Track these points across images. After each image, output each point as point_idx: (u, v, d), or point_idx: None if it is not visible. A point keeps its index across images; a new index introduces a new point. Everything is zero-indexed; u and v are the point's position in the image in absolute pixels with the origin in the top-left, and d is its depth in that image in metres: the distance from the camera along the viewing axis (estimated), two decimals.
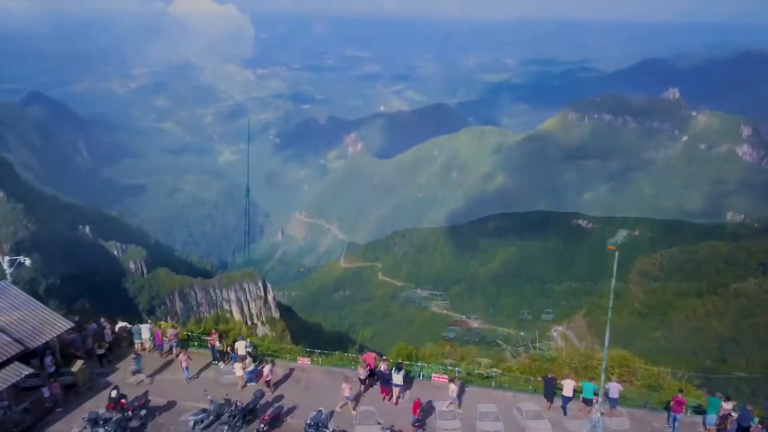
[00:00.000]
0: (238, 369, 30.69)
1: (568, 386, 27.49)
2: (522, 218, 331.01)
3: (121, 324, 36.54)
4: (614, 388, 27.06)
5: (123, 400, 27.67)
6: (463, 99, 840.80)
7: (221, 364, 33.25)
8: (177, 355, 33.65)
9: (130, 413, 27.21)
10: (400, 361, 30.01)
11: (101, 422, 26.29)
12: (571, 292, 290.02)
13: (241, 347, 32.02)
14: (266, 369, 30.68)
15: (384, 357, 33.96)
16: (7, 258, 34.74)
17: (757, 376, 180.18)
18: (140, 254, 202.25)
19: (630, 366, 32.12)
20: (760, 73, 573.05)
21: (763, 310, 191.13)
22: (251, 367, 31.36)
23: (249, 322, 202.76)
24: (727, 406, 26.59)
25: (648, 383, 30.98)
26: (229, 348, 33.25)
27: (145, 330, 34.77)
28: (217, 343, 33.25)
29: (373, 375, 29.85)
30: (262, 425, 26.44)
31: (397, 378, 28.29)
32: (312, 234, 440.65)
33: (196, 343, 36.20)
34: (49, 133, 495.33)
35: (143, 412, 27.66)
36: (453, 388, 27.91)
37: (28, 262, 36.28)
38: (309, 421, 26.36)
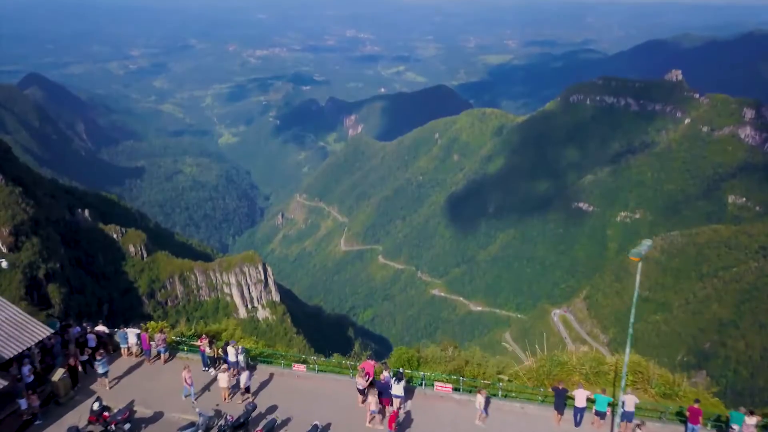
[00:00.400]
0: (222, 379, 28.18)
1: (580, 396, 25.63)
2: (522, 201, 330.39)
3: (100, 328, 33.60)
4: (630, 401, 25.08)
5: (106, 413, 25.83)
6: (464, 81, 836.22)
7: (212, 371, 31.02)
8: (165, 361, 32.02)
9: (113, 427, 25.56)
10: (400, 370, 27.68)
11: None
12: (571, 274, 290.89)
13: (231, 353, 30.00)
14: (243, 377, 28.19)
15: (384, 361, 32.61)
16: None
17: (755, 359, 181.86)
18: (140, 238, 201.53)
19: (644, 372, 29.44)
20: (763, 55, 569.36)
21: (763, 294, 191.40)
22: (248, 374, 28.87)
23: (249, 306, 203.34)
24: (751, 421, 24.49)
25: (663, 391, 28.49)
26: (220, 351, 31.03)
27: (131, 334, 32.31)
28: (208, 349, 30.97)
29: (373, 384, 27.76)
30: None
31: (397, 389, 26.63)
32: (312, 217, 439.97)
33: (185, 348, 33.57)
34: (48, 115, 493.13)
35: (127, 426, 25.88)
36: (480, 399, 25.99)
37: (4, 264, 34.50)
38: None
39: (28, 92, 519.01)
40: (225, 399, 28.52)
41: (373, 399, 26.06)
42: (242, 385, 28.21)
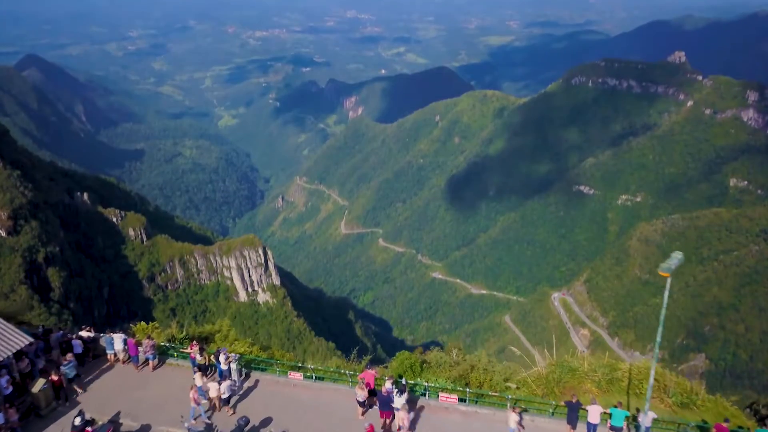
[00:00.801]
0: (212, 389, 26.12)
1: (594, 412, 23.52)
2: (523, 184, 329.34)
3: (84, 333, 31.30)
4: (648, 417, 22.91)
5: (88, 428, 23.79)
6: (465, 62, 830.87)
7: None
8: (154, 368, 29.96)
9: None
10: (403, 382, 25.80)
11: None
12: (571, 258, 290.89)
13: (221, 361, 27.80)
14: (224, 386, 25.98)
15: (386, 365, 30.71)
16: None
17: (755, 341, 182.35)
18: (140, 221, 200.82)
19: (660, 380, 27.28)
20: (767, 37, 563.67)
21: (763, 277, 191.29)
22: (228, 384, 26.57)
23: (250, 289, 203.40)
24: None
25: (680, 400, 26.38)
26: (212, 357, 28.99)
27: (117, 340, 30.10)
28: (198, 357, 28.70)
29: (373, 395, 25.91)
30: None
31: (399, 402, 24.60)
32: (312, 200, 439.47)
33: (175, 354, 31.23)
34: (47, 97, 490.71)
35: None
36: (513, 417, 23.83)
37: None
38: None
39: (27, 74, 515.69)
40: (218, 409, 26.76)
41: (405, 415, 24.06)
42: (220, 394, 26.10)
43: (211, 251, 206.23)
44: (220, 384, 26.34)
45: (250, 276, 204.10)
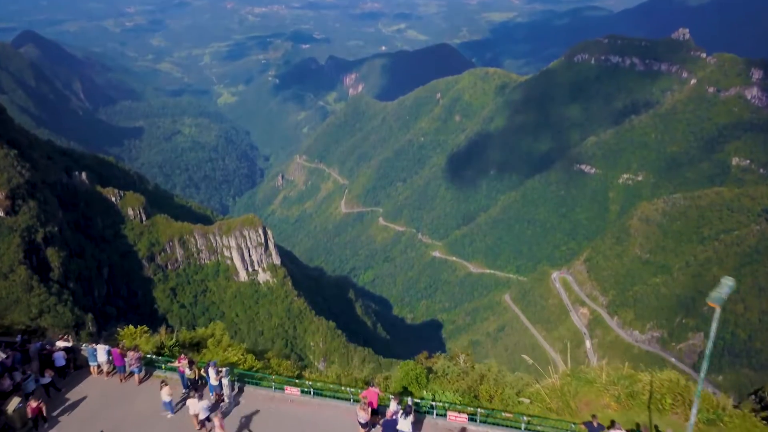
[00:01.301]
0: (193, 405, 24.00)
1: None
2: (524, 163, 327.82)
3: (62, 342, 29.36)
4: None
5: None
6: (467, 39, 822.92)
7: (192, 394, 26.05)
8: (140, 381, 28.01)
9: None
10: (410, 404, 23.30)
11: None
12: (571, 237, 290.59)
13: (211, 376, 25.89)
14: (201, 405, 23.98)
15: (387, 375, 28.34)
16: None
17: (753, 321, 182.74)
18: (139, 201, 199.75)
19: (684, 395, 25.18)
20: None
21: (763, 257, 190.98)
22: (206, 404, 24.59)
23: (250, 269, 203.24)
24: None
25: (706, 417, 24.06)
26: (203, 371, 27.10)
27: (101, 351, 28.17)
28: (187, 370, 26.86)
29: (376, 414, 24.14)
30: None
31: (404, 424, 22.54)
32: (312, 178, 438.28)
33: (163, 366, 29.19)
34: (44, 74, 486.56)
35: None
36: None
37: None
38: None
39: (24, 50, 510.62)
40: (197, 428, 24.65)
41: None
42: (196, 412, 23.95)
43: (211, 231, 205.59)
44: (200, 401, 24.47)
45: (250, 255, 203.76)
